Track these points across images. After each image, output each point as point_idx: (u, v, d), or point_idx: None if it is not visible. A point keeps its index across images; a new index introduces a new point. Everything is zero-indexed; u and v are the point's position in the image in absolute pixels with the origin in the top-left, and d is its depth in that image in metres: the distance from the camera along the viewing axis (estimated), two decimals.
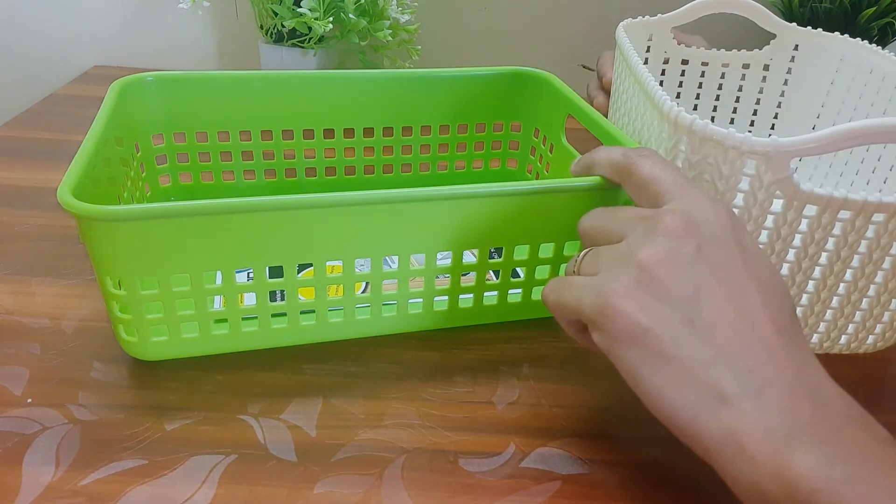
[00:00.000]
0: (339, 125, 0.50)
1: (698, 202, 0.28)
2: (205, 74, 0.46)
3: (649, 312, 0.26)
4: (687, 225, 0.27)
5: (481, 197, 0.34)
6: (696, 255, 0.27)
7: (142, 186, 0.46)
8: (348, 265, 0.34)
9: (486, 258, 0.37)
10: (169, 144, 0.47)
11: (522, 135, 0.54)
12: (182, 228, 0.31)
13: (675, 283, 0.26)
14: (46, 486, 0.29)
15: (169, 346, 0.35)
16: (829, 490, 0.21)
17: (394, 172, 0.52)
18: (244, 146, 0.49)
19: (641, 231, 0.28)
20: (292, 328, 0.36)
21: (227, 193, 0.49)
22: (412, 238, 0.35)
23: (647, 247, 0.27)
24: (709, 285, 0.26)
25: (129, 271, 0.31)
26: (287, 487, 0.29)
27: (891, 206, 0.31)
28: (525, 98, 0.52)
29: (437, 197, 0.34)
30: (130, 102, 0.43)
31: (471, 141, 0.53)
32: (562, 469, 0.31)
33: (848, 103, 0.50)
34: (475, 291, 0.38)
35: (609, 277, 0.27)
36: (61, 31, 0.82)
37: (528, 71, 0.51)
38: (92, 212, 0.29)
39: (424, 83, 0.50)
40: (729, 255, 0.27)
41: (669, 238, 0.27)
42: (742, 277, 0.27)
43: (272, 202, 0.31)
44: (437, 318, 0.39)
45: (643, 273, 0.27)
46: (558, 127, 0.49)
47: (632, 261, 0.27)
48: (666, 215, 0.28)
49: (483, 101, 0.52)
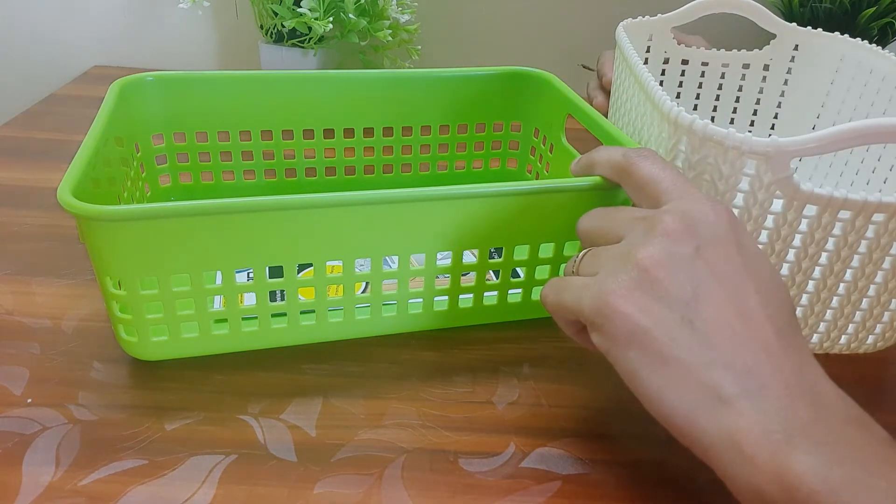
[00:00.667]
0: (339, 125, 0.50)
1: (697, 203, 0.28)
2: (205, 74, 0.46)
3: (648, 313, 0.26)
4: (685, 226, 0.27)
5: (481, 197, 0.34)
6: (694, 256, 0.27)
7: (142, 186, 0.46)
8: (348, 265, 0.34)
9: (486, 258, 0.37)
10: (169, 144, 0.47)
11: (522, 135, 0.54)
12: (182, 228, 0.31)
13: (674, 283, 0.26)
14: (46, 486, 0.29)
15: (169, 346, 0.35)
16: (827, 491, 0.21)
17: (394, 172, 0.52)
18: (244, 146, 0.49)
19: (640, 232, 0.28)
20: (292, 328, 0.36)
21: (227, 193, 0.49)
22: (412, 238, 0.35)
23: (645, 247, 0.27)
24: (707, 286, 0.26)
25: (129, 271, 0.31)
26: (287, 487, 0.29)
27: (891, 206, 0.31)
28: (525, 98, 0.52)
29: (437, 197, 0.34)
30: (130, 102, 0.43)
31: (471, 141, 0.53)
32: (562, 469, 0.31)
33: (848, 103, 0.50)
34: (475, 291, 0.38)
35: (608, 278, 0.27)
36: (61, 31, 0.82)
37: (528, 71, 0.51)
38: (92, 212, 0.29)
39: (424, 83, 0.50)
40: (727, 256, 0.27)
41: (668, 239, 0.27)
42: (741, 278, 0.27)
43: (272, 202, 0.31)
44: (437, 319, 0.39)
45: (642, 274, 0.26)
46: (558, 127, 0.49)
47: (630, 261, 0.27)
48: (665, 216, 0.28)
49: (483, 101, 0.52)
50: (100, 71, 0.82)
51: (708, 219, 0.28)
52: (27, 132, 0.62)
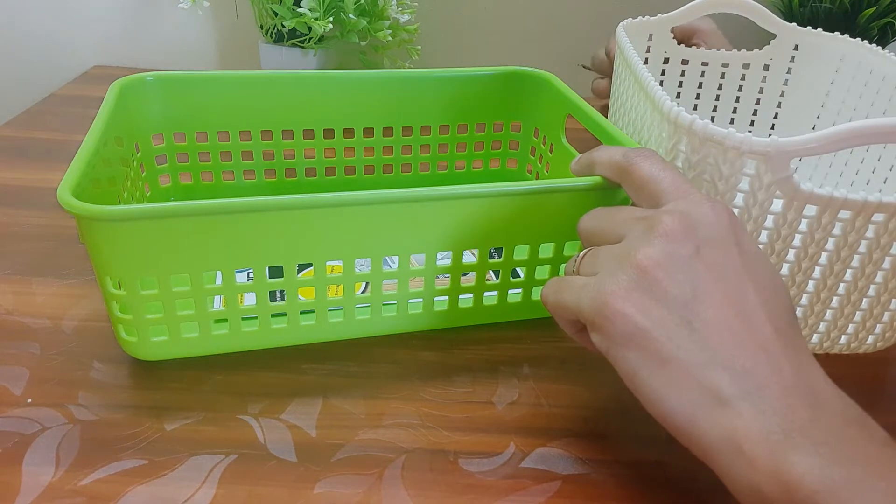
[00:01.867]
0: (339, 125, 0.50)
1: (697, 203, 0.28)
2: (205, 74, 0.46)
3: (647, 314, 0.26)
4: (685, 226, 0.27)
5: (481, 197, 0.34)
6: (693, 256, 0.27)
7: (142, 186, 0.46)
8: (348, 265, 0.34)
9: (486, 258, 0.37)
10: (169, 144, 0.47)
11: (522, 135, 0.54)
12: (181, 228, 0.31)
13: (673, 284, 0.26)
14: (46, 486, 0.29)
15: (169, 346, 0.35)
16: (827, 492, 0.21)
17: (394, 172, 0.52)
18: (244, 146, 0.49)
19: (640, 232, 0.28)
20: (292, 328, 0.36)
21: (227, 193, 0.49)
22: (412, 238, 0.35)
23: (644, 248, 0.27)
24: (706, 286, 0.26)
25: (130, 271, 0.31)
26: (287, 487, 0.30)
27: (891, 206, 0.31)
28: (525, 98, 0.52)
29: (437, 197, 0.34)
30: (130, 102, 0.43)
31: (471, 141, 0.53)
32: (562, 469, 0.31)
33: (848, 103, 0.50)
34: (475, 291, 0.38)
35: (607, 278, 0.27)
36: (61, 31, 0.82)
37: (528, 71, 0.51)
38: (92, 212, 0.29)
39: (425, 83, 0.50)
40: (727, 256, 0.27)
41: (667, 239, 0.27)
42: (740, 278, 0.27)
43: (272, 202, 0.31)
44: (438, 319, 0.39)
45: (641, 274, 0.26)
46: (558, 127, 0.49)
47: (630, 262, 0.27)
48: (664, 216, 0.28)
49: (483, 101, 0.52)
50: (100, 71, 0.82)
51: (707, 219, 0.28)
52: (27, 132, 0.62)
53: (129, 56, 0.84)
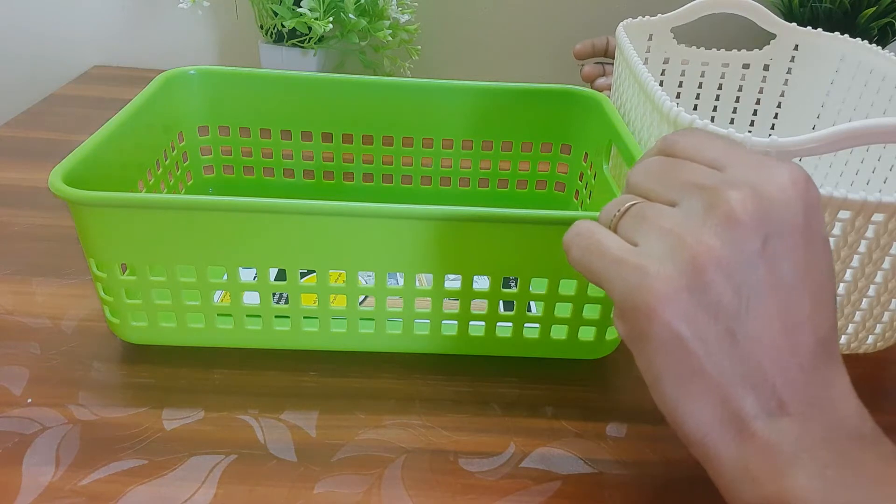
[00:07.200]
0: (379, 132, 0.49)
1: (771, 172, 0.23)
2: (252, 72, 0.47)
3: (690, 322, 0.23)
4: (756, 209, 0.23)
5: (491, 220, 0.32)
6: (758, 254, 0.23)
7: (182, 175, 0.47)
8: (351, 276, 0.33)
9: (498, 287, 0.34)
10: (214, 137, 0.48)
11: (572, 158, 0.51)
12: (150, 219, 0.32)
13: (728, 292, 0.23)
14: (46, 486, 0.29)
15: (148, 332, 0.35)
16: None
17: (431, 185, 0.51)
18: (285, 145, 0.49)
19: (700, 206, 0.23)
20: (294, 330, 0.36)
21: (266, 190, 0.50)
22: (419, 256, 0.33)
23: (704, 234, 0.23)
24: (762, 296, 0.23)
25: (106, 255, 0.33)
26: (287, 487, 0.30)
27: (891, 206, 0.31)
28: (575, 119, 0.49)
29: (443, 217, 0.32)
30: (175, 93, 0.45)
31: (515, 160, 0.50)
32: (562, 469, 0.31)
33: (848, 103, 0.50)
34: (486, 320, 0.36)
35: (652, 264, 0.23)
36: (61, 31, 0.82)
37: (579, 91, 0.48)
38: (70, 195, 0.30)
39: (475, 94, 0.48)
40: (793, 253, 0.23)
41: (733, 228, 0.23)
42: (799, 280, 0.23)
43: (232, 203, 0.31)
44: (445, 343, 0.37)
45: (695, 273, 0.22)
46: (603, 153, 0.46)
47: (685, 251, 0.23)
48: (731, 192, 0.23)
49: (529, 119, 0.49)
50: (100, 71, 0.82)
51: (783, 197, 0.23)
52: (27, 132, 0.62)
53: (129, 56, 0.83)
